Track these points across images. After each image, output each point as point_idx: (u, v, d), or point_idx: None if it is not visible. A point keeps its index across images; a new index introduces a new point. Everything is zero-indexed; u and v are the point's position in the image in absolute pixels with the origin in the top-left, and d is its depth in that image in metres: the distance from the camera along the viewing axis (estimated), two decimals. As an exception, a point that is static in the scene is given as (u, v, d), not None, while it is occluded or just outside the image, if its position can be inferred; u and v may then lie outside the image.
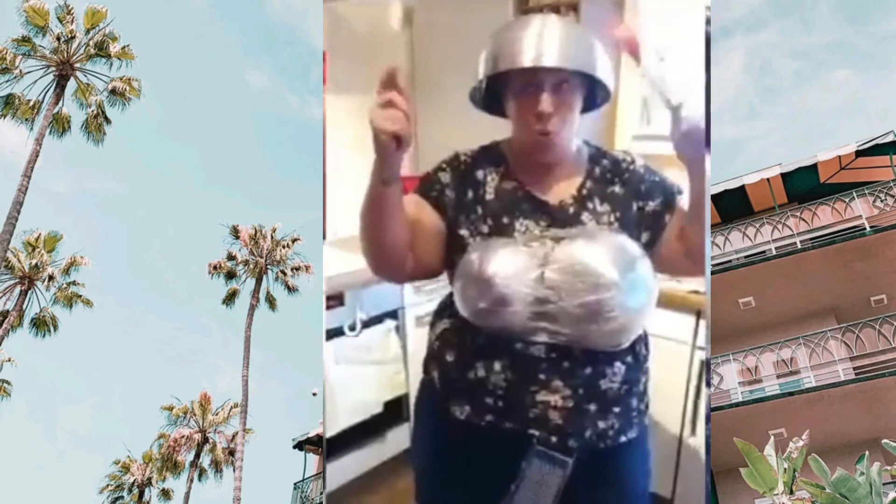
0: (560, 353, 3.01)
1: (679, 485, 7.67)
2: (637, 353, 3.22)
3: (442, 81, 8.98)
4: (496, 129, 3.39)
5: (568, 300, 2.92)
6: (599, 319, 2.93)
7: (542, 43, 2.98)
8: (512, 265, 2.96)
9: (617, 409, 3.13)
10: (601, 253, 2.98)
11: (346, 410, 7.73)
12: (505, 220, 3.11)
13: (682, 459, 7.68)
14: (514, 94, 3.08)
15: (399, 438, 8.25)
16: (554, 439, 3.04)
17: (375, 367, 8.01)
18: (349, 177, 8.84)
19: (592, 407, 3.07)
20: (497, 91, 3.18)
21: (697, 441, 7.55)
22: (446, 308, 3.32)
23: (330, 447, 7.53)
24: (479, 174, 3.23)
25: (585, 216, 3.14)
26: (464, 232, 3.15)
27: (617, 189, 3.24)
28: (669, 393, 7.67)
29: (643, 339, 3.31)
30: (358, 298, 7.79)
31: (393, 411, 8.22)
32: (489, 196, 3.18)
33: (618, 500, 3.18)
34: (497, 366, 3.05)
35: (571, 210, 3.15)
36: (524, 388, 3.02)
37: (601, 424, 3.09)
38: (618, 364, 3.12)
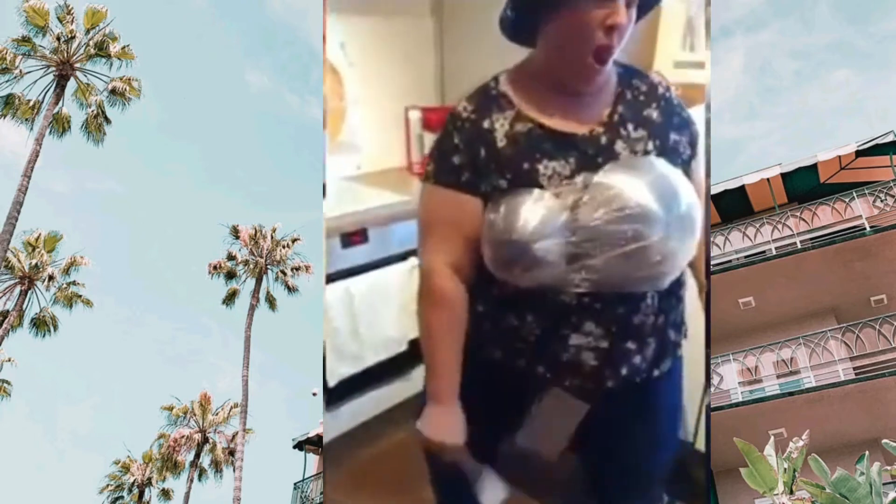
0: (592, 297, 2.80)
1: (700, 430, 7.48)
2: (672, 283, 2.95)
3: (469, 4, 8.35)
4: (524, 54, 3.03)
5: (607, 251, 2.67)
6: (642, 266, 2.70)
7: None
8: (542, 218, 2.69)
9: (651, 342, 2.93)
10: (642, 188, 2.68)
11: (371, 347, 7.52)
12: (526, 166, 2.78)
13: (703, 406, 7.47)
14: (577, 5, 2.67)
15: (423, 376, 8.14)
16: (590, 385, 2.87)
17: (399, 305, 7.71)
18: (358, 107, 8.26)
19: (628, 344, 2.88)
20: (537, 7, 2.78)
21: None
22: (482, 268, 3.05)
23: (353, 384, 7.31)
24: (486, 123, 2.87)
25: (619, 145, 2.81)
26: (484, 192, 2.85)
27: (654, 115, 2.91)
28: (696, 340, 7.44)
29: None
30: (382, 234, 7.48)
31: (418, 349, 8.09)
32: (501, 143, 2.83)
33: (648, 431, 3.07)
34: (529, 316, 2.85)
35: (603, 139, 2.82)
36: (557, 335, 2.83)
37: (636, 359, 2.92)
38: (651, 295, 2.87)
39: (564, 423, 2.94)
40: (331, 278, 7.10)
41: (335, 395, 7.12)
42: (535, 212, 2.71)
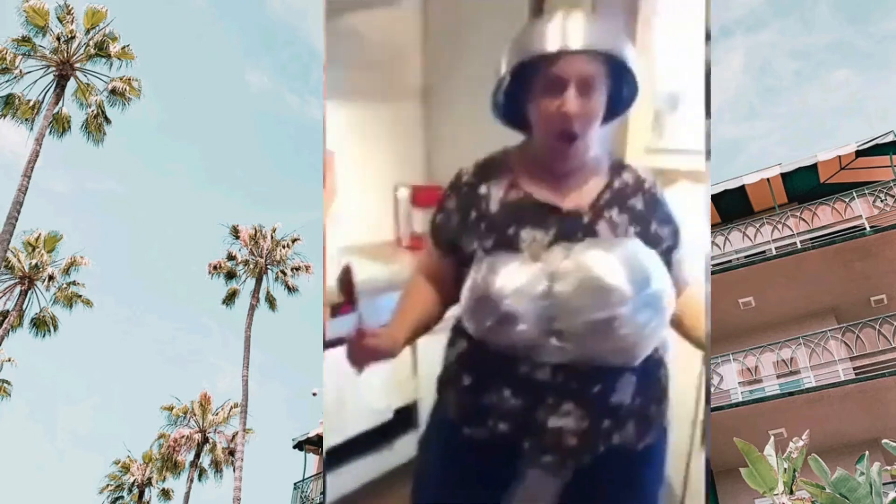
0: (567, 375, 2.92)
1: (686, 499, 7.58)
2: (649, 361, 3.08)
3: (455, 86, 8.81)
4: (511, 135, 3.29)
5: (577, 317, 2.81)
6: (610, 337, 2.83)
7: (567, 29, 2.88)
8: (518, 280, 2.86)
9: (632, 421, 3.04)
10: (615, 265, 2.85)
11: (356, 417, 7.64)
12: (510, 230, 2.99)
13: (690, 475, 7.59)
14: (537, 93, 2.95)
15: (409, 445, 8.18)
16: (570, 462, 2.97)
17: (385, 373, 7.90)
18: (364, 183, 8.69)
19: (606, 423, 2.98)
20: (518, 92, 3.05)
21: (705, 456, 7.50)
22: (462, 329, 3.22)
23: (338, 454, 7.43)
24: (483, 189, 3.13)
25: (601, 225, 3.00)
26: (469, 251, 3.07)
27: (638, 205, 3.11)
28: (679, 410, 7.58)
29: (660, 345, 3.18)
30: (371, 305, 7.70)
31: (403, 418, 8.15)
32: (493, 209, 3.07)
33: (634, 500, 3.13)
34: (506, 392, 2.97)
35: (586, 219, 3.01)
36: (534, 415, 2.94)
37: (616, 438, 3.01)
38: (628, 375, 3.00)
39: (546, 499, 3.01)
40: (326, 346, 7.28)
41: (326, 465, 7.20)
42: (514, 274, 2.89)
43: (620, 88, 3.07)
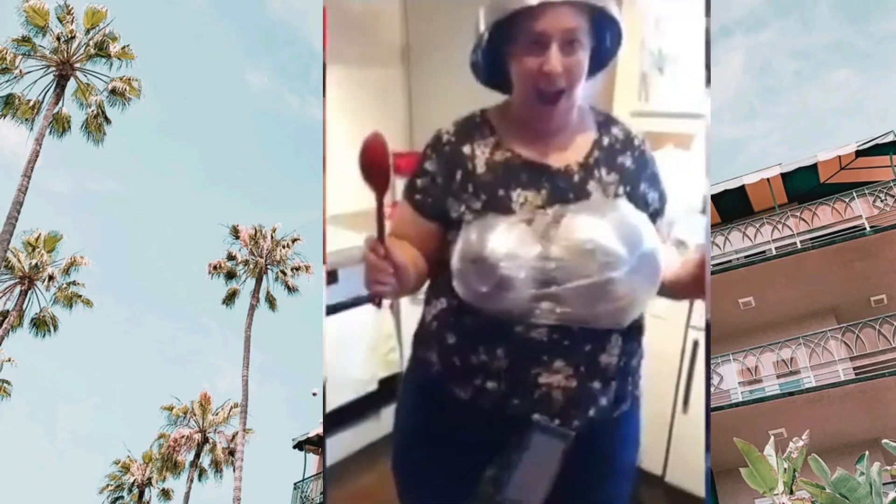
0: (561, 334, 2.88)
1: (670, 462, 7.70)
2: (634, 323, 3.07)
3: (437, 54, 8.76)
4: (492, 102, 3.19)
5: (574, 281, 2.78)
6: (606, 299, 2.80)
7: None
8: (512, 244, 2.80)
9: (615, 383, 3.02)
10: (608, 228, 2.82)
11: (342, 388, 7.66)
12: (500, 192, 2.90)
13: (673, 438, 7.69)
14: (519, 51, 2.85)
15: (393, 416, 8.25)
16: (557, 421, 2.93)
17: (370, 344, 7.92)
18: (348, 152, 8.65)
19: (595, 384, 2.95)
20: (499, 51, 2.94)
21: (689, 420, 7.54)
22: (443, 286, 3.10)
23: (328, 422, 7.47)
24: (466, 149, 3.01)
25: (592, 185, 2.94)
26: (456, 214, 2.96)
27: (627, 162, 3.06)
28: (661, 372, 7.67)
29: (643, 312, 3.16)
30: (352, 275, 7.71)
31: (388, 389, 8.17)
32: (480, 170, 2.96)
33: (608, 471, 3.13)
34: (498, 351, 2.91)
35: (577, 178, 2.95)
36: (526, 372, 2.89)
37: (602, 400, 2.99)
38: (615, 336, 2.98)
39: (549, 461, 2.95)
40: (327, 312, 7.32)
41: (324, 432, 7.28)
42: (507, 236, 2.81)
43: (604, 40, 2.96)
